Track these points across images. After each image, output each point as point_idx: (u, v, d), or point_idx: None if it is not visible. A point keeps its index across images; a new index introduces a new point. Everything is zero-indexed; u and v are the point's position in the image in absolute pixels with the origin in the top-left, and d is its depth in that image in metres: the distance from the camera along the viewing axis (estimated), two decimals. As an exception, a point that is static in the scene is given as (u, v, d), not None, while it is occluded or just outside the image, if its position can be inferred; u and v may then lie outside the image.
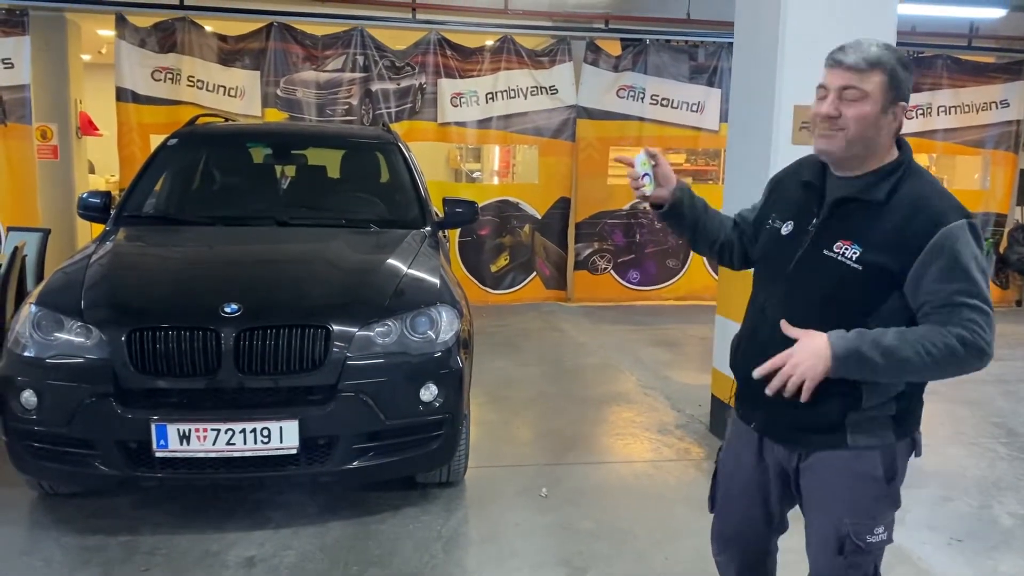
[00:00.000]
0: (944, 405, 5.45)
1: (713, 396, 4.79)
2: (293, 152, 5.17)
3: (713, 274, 8.62)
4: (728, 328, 4.59)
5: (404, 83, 8.28)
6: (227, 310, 3.22)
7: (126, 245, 4.01)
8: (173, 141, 4.78)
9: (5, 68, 7.57)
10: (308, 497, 3.74)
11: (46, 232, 6.24)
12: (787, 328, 1.89)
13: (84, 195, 4.47)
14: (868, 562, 2.00)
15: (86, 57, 11.32)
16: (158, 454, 3.11)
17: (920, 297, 1.85)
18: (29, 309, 3.34)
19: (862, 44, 1.88)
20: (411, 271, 3.74)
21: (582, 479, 4.12)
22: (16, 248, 5.34)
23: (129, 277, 3.62)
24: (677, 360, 6.57)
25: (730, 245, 2.31)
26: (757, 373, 1.89)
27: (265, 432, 3.14)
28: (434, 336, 3.45)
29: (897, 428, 1.95)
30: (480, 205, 8.29)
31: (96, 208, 4.39)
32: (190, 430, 3.10)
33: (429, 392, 3.37)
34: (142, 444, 3.12)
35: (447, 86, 8.33)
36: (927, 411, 2.08)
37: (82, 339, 3.20)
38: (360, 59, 8.16)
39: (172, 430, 3.09)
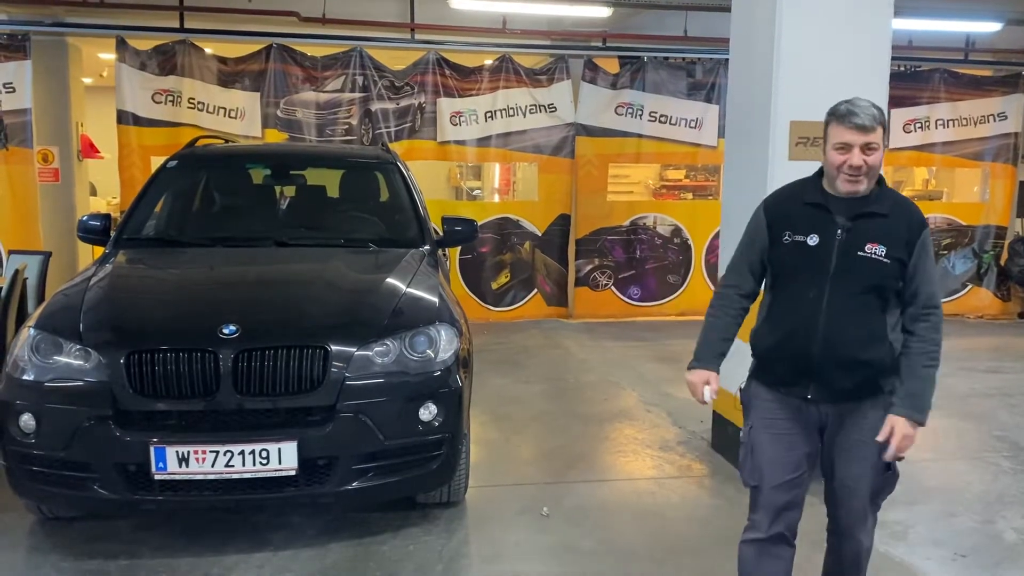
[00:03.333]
0: (948, 420, 5.43)
1: (715, 412, 4.77)
2: (292, 172, 5.18)
3: (714, 289, 8.61)
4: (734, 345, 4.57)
5: (403, 103, 8.33)
6: (225, 331, 3.22)
7: (125, 267, 4.01)
8: (173, 163, 4.79)
9: (7, 92, 7.63)
10: (308, 519, 3.72)
11: (47, 255, 6.25)
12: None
13: (84, 218, 4.48)
14: (897, 469, 2.61)
15: (88, 80, 11.39)
16: (157, 477, 3.10)
17: (914, 286, 2.53)
18: (28, 332, 3.34)
19: (864, 104, 2.49)
20: (410, 290, 3.73)
21: (584, 497, 4.10)
22: (16, 271, 5.35)
23: (127, 299, 3.62)
24: (679, 376, 6.45)
25: (746, 307, 2.83)
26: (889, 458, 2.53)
27: (264, 453, 3.13)
28: (433, 355, 3.44)
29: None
30: (480, 223, 8.33)
31: (96, 231, 4.40)
32: (189, 452, 3.09)
33: (428, 411, 3.36)
34: (141, 467, 3.11)
35: (446, 105, 8.37)
36: (931, 427, 2.52)
37: (80, 362, 3.20)
38: (359, 79, 8.21)
39: (171, 452, 3.08)
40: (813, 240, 2.57)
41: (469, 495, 3.97)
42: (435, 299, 3.72)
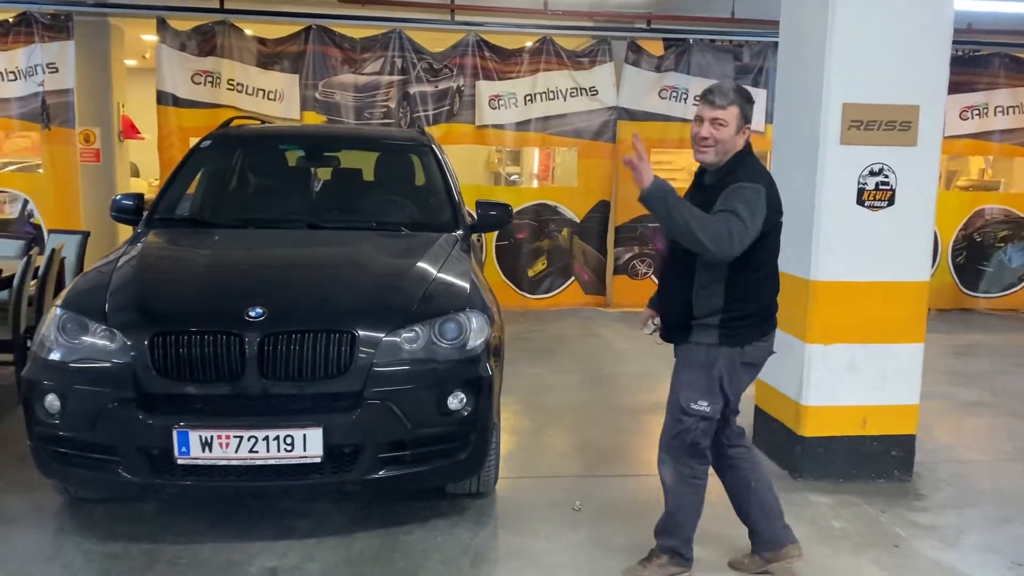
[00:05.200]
0: (1002, 419, 5.19)
1: (757, 407, 4.60)
2: (326, 154, 5.11)
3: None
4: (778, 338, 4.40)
5: (442, 85, 8.22)
6: (252, 314, 3.14)
7: (154, 248, 3.96)
8: (206, 143, 4.75)
9: (50, 72, 7.69)
10: (334, 506, 3.65)
11: (85, 235, 6.29)
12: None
13: (117, 197, 4.46)
14: (691, 423, 2.93)
15: (132, 62, 11.53)
16: (180, 461, 3.04)
17: None
18: (55, 312, 3.30)
19: (726, 87, 2.89)
20: (441, 275, 3.63)
21: (617, 492, 3.97)
22: (53, 250, 5.36)
23: (154, 280, 3.56)
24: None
25: None
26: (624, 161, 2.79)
27: (288, 440, 3.05)
28: (463, 342, 3.33)
29: (721, 335, 2.86)
30: (518, 208, 8.24)
31: (128, 210, 4.37)
32: (212, 437, 3.02)
33: (457, 400, 3.26)
34: (164, 451, 3.05)
35: (485, 88, 8.25)
36: (984, 425, 2.47)
37: (105, 343, 3.15)
38: (398, 61, 8.13)
39: (194, 437, 3.01)
40: None
41: (500, 486, 3.87)
42: (466, 285, 3.61)
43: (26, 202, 7.95)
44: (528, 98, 8.31)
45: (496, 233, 8.12)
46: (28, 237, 7.35)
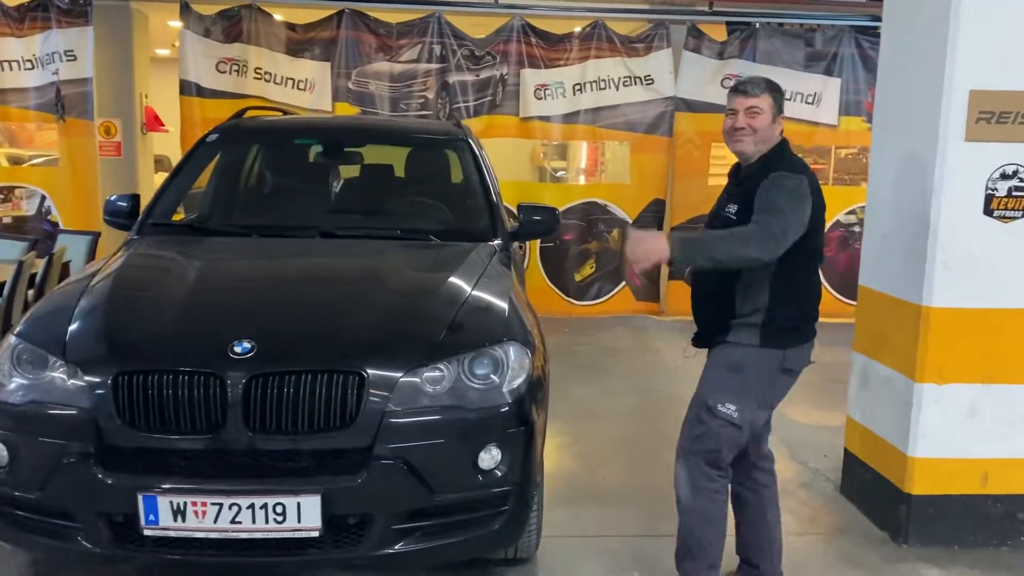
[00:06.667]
0: None
1: (847, 452, 3.89)
2: (347, 150, 4.50)
3: (839, 295, 7.63)
4: (871, 370, 3.69)
5: (484, 74, 7.60)
6: (237, 349, 2.54)
7: (137, 261, 3.36)
8: (213, 136, 4.17)
9: (67, 60, 7.23)
10: (341, 573, 3.04)
11: (95, 235, 5.81)
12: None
13: (111, 198, 3.91)
14: (714, 426, 2.74)
15: (164, 52, 11.12)
16: (147, 531, 2.46)
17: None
18: (10, 341, 2.74)
19: (757, 78, 2.81)
20: (475, 294, 3.00)
21: (683, 558, 3.30)
22: (51, 255, 4.86)
23: (127, 304, 2.95)
24: (792, 391, 5.63)
25: None
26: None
27: (279, 509, 2.45)
28: (499, 382, 2.69)
29: (763, 336, 2.70)
30: (564, 208, 7.58)
31: (122, 213, 3.82)
32: (186, 504, 2.43)
33: (491, 457, 2.62)
34: (129, 518, 2.47)
35: (531, 77, 7.61)
36: None
37: (62, 382, 2.58)
38: (437, 48, 7.52)
39: (163, 503, 2.43)
40: (715, 207, 2.94)
41: (544, 546, 3.21)
42: (504, 306, 2.98)
43: (43, 198, 7.52)
44: (577, 87, 7.63)
45: (540, 234, 7.47)
46: (43, 236, 6.90)
